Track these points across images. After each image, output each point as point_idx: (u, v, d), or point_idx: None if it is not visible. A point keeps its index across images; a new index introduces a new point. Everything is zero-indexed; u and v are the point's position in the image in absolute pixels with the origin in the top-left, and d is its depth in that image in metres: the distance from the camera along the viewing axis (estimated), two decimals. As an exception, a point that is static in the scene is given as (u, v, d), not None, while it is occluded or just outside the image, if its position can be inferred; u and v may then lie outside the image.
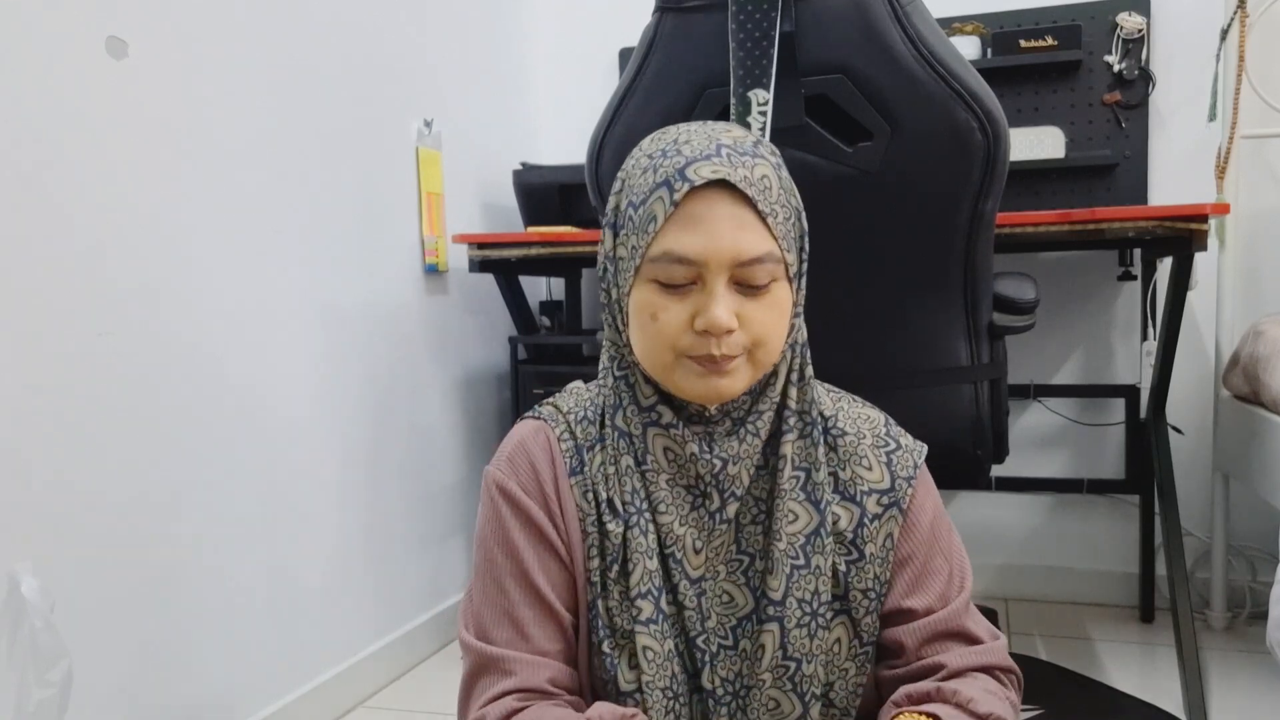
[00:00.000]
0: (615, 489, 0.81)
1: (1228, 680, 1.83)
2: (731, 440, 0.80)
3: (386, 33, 1.98)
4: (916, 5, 1.22)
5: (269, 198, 1.64)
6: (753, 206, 0.74)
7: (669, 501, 0.80)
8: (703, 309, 0.74)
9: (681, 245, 0.73)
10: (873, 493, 0.83)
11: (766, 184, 0.75)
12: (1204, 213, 1.57)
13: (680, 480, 0.80)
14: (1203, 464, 2.18)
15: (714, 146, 0.75)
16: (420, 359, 2.09)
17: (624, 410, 0.82)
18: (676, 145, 0.76)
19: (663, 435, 0.80)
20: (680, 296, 0.75)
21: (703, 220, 0.73)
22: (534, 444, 0.84)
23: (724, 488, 0.80)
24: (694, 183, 0.73)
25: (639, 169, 0.78)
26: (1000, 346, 1.45)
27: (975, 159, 1.23)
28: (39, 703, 1.16)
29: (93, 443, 1.31)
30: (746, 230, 0.73)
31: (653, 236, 0.74)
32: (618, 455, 0.81)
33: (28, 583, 1.18)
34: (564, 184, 2.20)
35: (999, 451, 1.49)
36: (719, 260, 0.73)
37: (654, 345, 0.76)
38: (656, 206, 0.74)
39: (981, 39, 2.21)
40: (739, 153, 0.75)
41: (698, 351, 0.74)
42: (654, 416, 0.80)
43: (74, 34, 1.29)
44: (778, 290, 0.76)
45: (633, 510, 0.80)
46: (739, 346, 0.75)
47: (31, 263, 1.23)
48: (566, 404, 0.87)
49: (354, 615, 1.86)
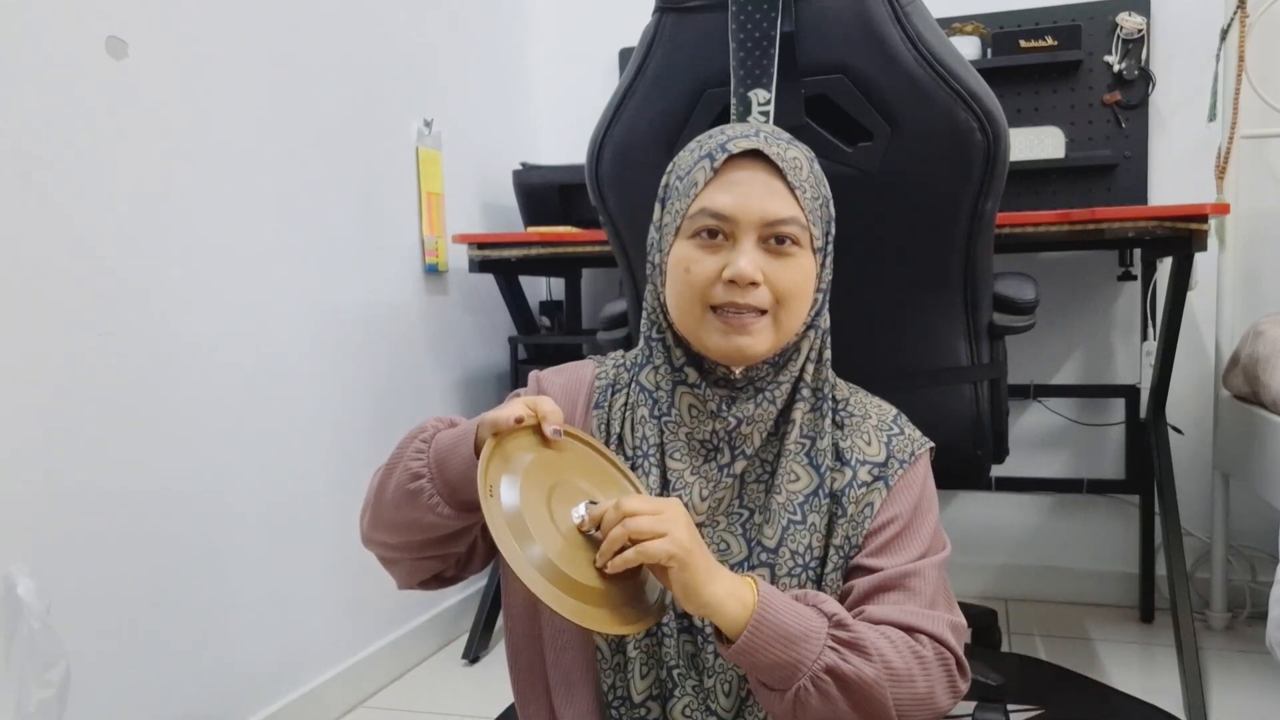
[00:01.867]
0: (628, 431, 0.89)
1: (1228, 680, 1.83)
2: (749, 404, 0.86)
3: (386, 33, 1.98)
4: (916, 5, 1.22)
5: (269, 197, 1.64)
6: (783, 178, 0.83)
7: (685, 452, 0.87)
8: (733, 260, 0.82)
9: (717, 203, 0.83)
10: (866, 463, 0.88)
11: (798, 164, 0.85)
12: (1204, 213, 1.57)
13: (698, 434, 0.87)
14: (1203, 464, 2.18)
15: (753, 130, 0.86)
16: (420, 359, 2.09)
17: (655, 368, 0.90)
18: (721, 130, 0.87)
19: (689, 393, 0.88)
20: (713, 250, 0.84)
21: (738, 184, 0.83)
22: (579, 371, 0.96)
23: (735, 445, 0.87)
24: (732, 152, 0.83)
25: (687, 152, 0.89)
26: (1000, 346, 1.45)
27: (975, 159, 1.23)
28: (39, 703, 1.16)
29: (92, 443, 1.31)
30: (776, 196, 0.83)
31: (693, 199, 0.84)
32: (637, 405, 0.89)
33: (24, 583, 1.18)
34: (564, 184, 2.20)
35: (999, 451, 1.49)
36: (749, 218, 0.82)
37: (686, 297, 0.84)
38: (699, 173, 0.85)
39: (981, 39, 2.21)
40: (776, 137, 0.86)
41: (724, 299, 0.82)
42: (683, 375, 0.88)
43: (74, 34, 1.29)
44: (801, 256, 0.84)
45: (640, 455, 0.88)
46: (764, 300, 0.83)
47: (31, 263, 1.23)
48: (615, 356, 0.97)
49: (354, 615, 1.86)
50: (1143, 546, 2.16)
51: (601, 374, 0.94)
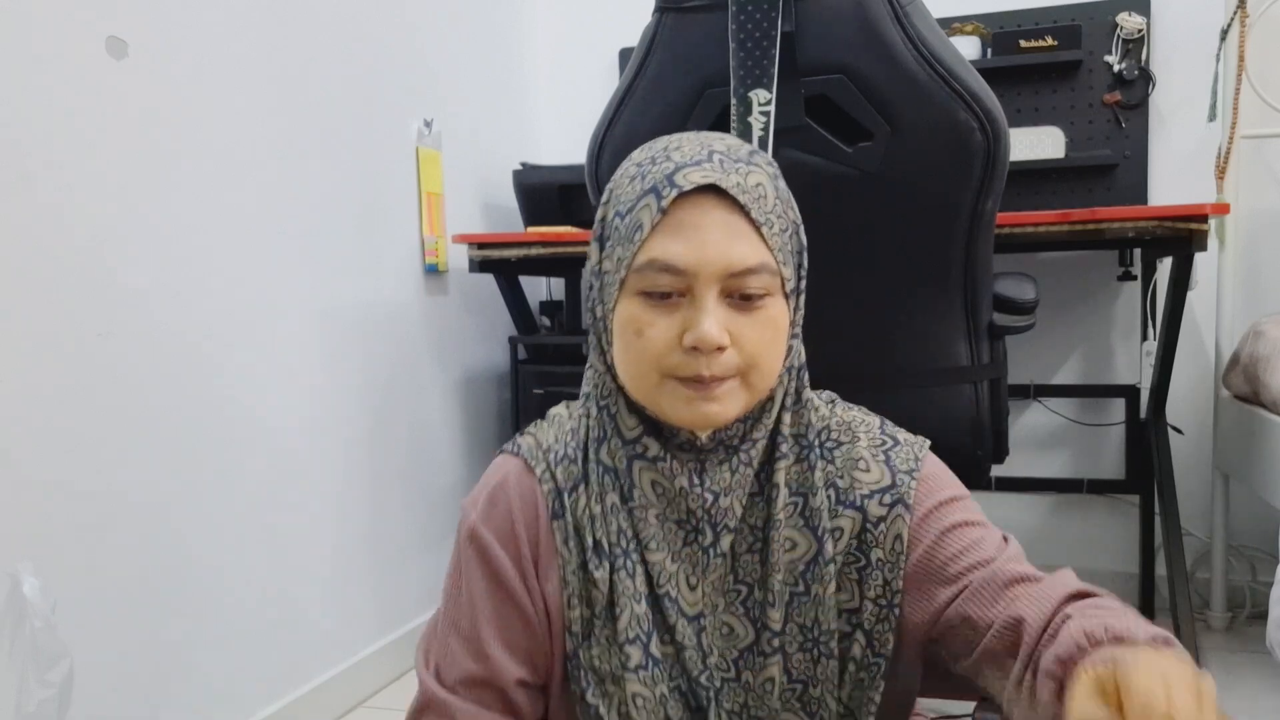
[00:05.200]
0: (601, 529, 0.76)
1: (1228, 680, 1.83)
2: (723, 470, 0.75)
3: (386, 33, 1.98)
4: (916, 5, 1.22)
5: (269, 197, 1.64)
6: (745, 214, 0.69)
7: (660, 538, 0.75)
8: (691, 323, 0.68)
9: (669, 253, 0.68)
10: (874, 494, 0.77)
11: (761, 192, 0.71)
12: (1204, 213, 1.57)
13: (670, 515, 0.75)
14: (1203, 464, 2.18)
15: (705, 153, 0.71)
16: (420, 359, 2.09)
17: (608, 443, 0.77)
18: (666, 152, 0.72)
19: (649, 469, 0.75)
20: (667, 310, 0.70)
21: (692, 227, 0.69)
22: (514, 487, 0.79)
23: (716, 521, 0.75)
24: (683, 188, 0.68)
25: (627, 178, 0.74)
26: (1000, 346, 1.45)
27: (975, 159, 1.23)
28: (39, 703, 1.17)
29: (93, 443, 1.31)
30: (739, 239, 0.69)
31: (639, 245, 0.70)
32: (603, 492, 0.76)
33: (29, 583, 1.18)
34: (564, 184, 2.20)
35: (999, 451, 1.49)
36: (709, 270, 0.68)
37: (639, 365, 0.71)
38: (643, 214, 0.70)
39: (981, 39, 2.21)
40: (732, 159, 0.71)
41: (686, 371, 0.69)
42: (639, 449, 0.75)
43: (74, 34, 1.29)
44: (772, 306, 0.71)
45: (619, 551, 0.75)
46: (731, 367, 0.70)
47: (31, 263, 1.23)
48: (547, 439, 0.81)
49: (354, 615, 1.86)
50: (1143, 546, 2.16)
51: (544, 476, 0.78)
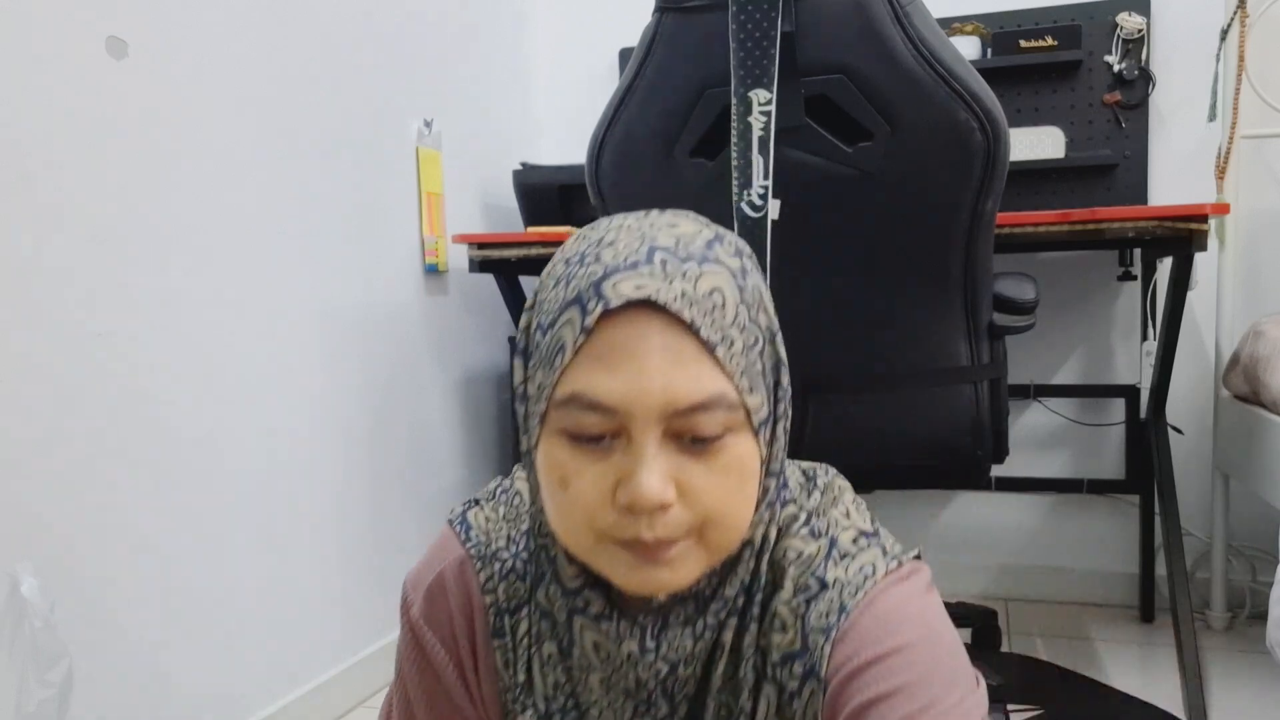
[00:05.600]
0: (538, 679, 0.65)
1: (1228, 680, 1.83)
2: (685, 634, 0.61)
3: (386, 33, 1.98)
4: (916, 5, 1.22)
5: (269, 197, 1.64)
6: (694, 333, 0.54)
7: (603, 705, 0.63)
8: (626, 475, 0.54)
9: (594, 387, 0.54)
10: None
11: (717, 300, 0.55)
12: (1204, 213, 1.57)
13: (617, 682, 0.62)
14: (1203, 464, 2.18)
15: (646, 250, 0.55)
16: (420, 359, 2.09)
17: (547, 587, 0.64)
18: (599, 248, 0.57)
19: (592, 628, 0.62)
20: (598, 456, 0.55)
21: (624, 353, 0.54)
22: (455, 590, 0.68)
23: (674, 693, 0.62)
24: (610, 303, 0.54)
25: (552, 279, 0.59)
26: (1000, 346, 1.45)
27: (975, 159, 1.24)
28: (39, 703, 1.17)
29: (93, 443, 1.31)
30: (685, 366, 0.54)
31: (559, 374, 0.55)
32: (541, 638, 0.65)
33: (28, 583, 1.18)
34: (564, 184, 2.20)
35: (999, 451, 1.49)
36: (646, 408, 0.54)
37: (568, 523, 0.57)
38: (565, 332, 0.55)
39: (981, 39, 2.21)
40: (680, 258, 0.55)
41: (624, 534, 0.55)
42: (580, 603, 0.62)
43: (74, 34, 1.29)
44: (735, 446, 0.56)
45: (555, 709, 0.65)
46: (680, 526, 0.55)
47: (31, 263, 1.23)
48: (499, 539, 0.69)
49: (354, 615, 1.86)
50: (1143, 546, 2.16)
51: (488, 585, 0.67)
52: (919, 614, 0.60)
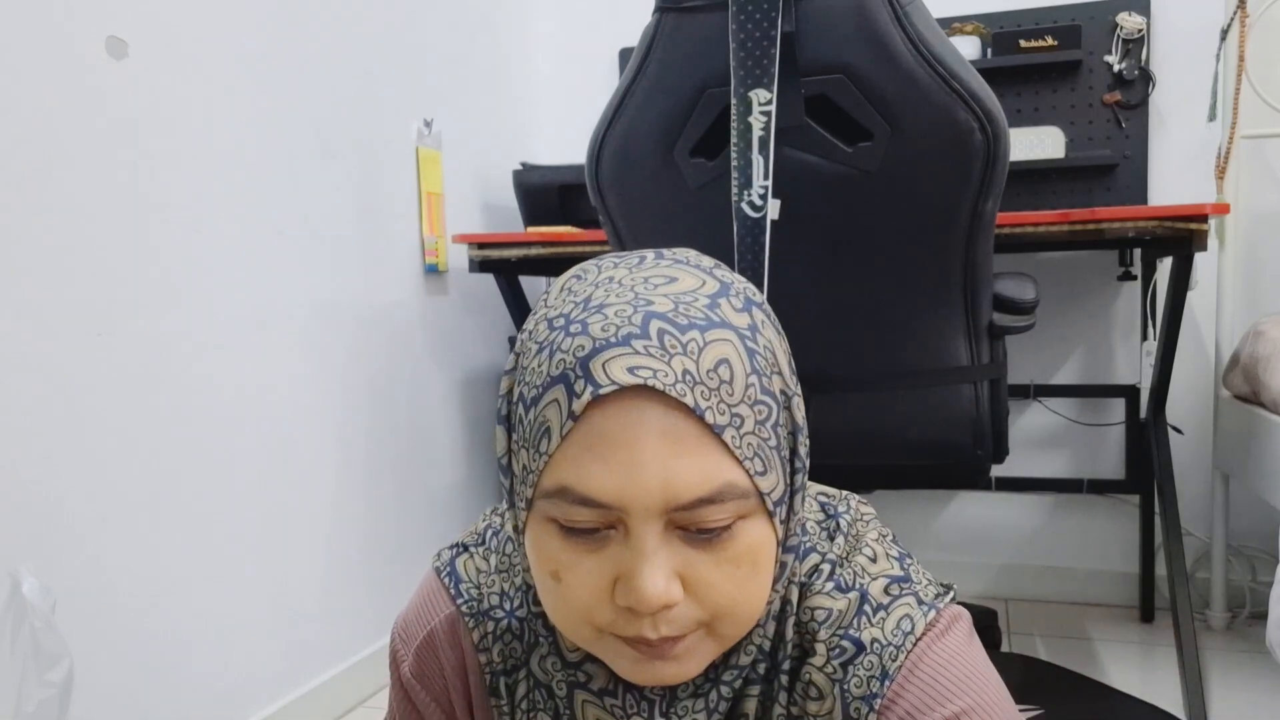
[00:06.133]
0: None
1: (1228, 680, 1.83)
2: (698, 705, 0.56)
3: (386, 33, 1.98)
4: (916, 5, 1.22)
5: (269, 197, 1.64)
6: (698, 417, 0.48)
7: None
8: (626, 574, 0.49)
9: (586, 481, 0.48)
10: None
11: (723, 375, 0.48)
12: (1204, 213, 1.57)
13: None
14: (1203, 464, 2.18)
15: (640, 319, 0.48)
16: (420, 359, 2.09)
17: (543, 659, 0.60)
18: (586, 312, 0.50)
19: (595, 704, 0.58)
20: (593, 547, 0.50)
21: (618, 443, 0.47)
22: (447, 649, 0.63)
23: None
24: (600, 389, 0.47)
25: (535, 341, 0.51)
26: (1000, 346, 1.45)
27: (975, 159, 1.24)
28: (39, 703, 1.16)
29: (93, 443, 1.31)
30: (687, 454, 0.48)
31: (546, 460, 0.49)
32: (536, 708, 0.61)
33: (29, 583, 1.18)
34: (564, 184, 2.20)
35: (999, 451, 1.49)
36: (644, 505, 0.48)
37: (563, 617, 0.52)
38: (550, 413, 0.49)
39: (981, 39, 2.21)
40: (680, 327, 0.48)
41: (626, 631, 0.51)
42: (581, 677, 0.58)
43: (74, 34, 1.29)
44: (747, 533, 0.50)
45: None
46: (688, 622, 0.50)
47: (31, 263, 1.23)
48: (491, 595, 0.63)
49: (354, 615, 1.86)
50: (1143, 546, 2.16)
51: (481, 645, 0.62)
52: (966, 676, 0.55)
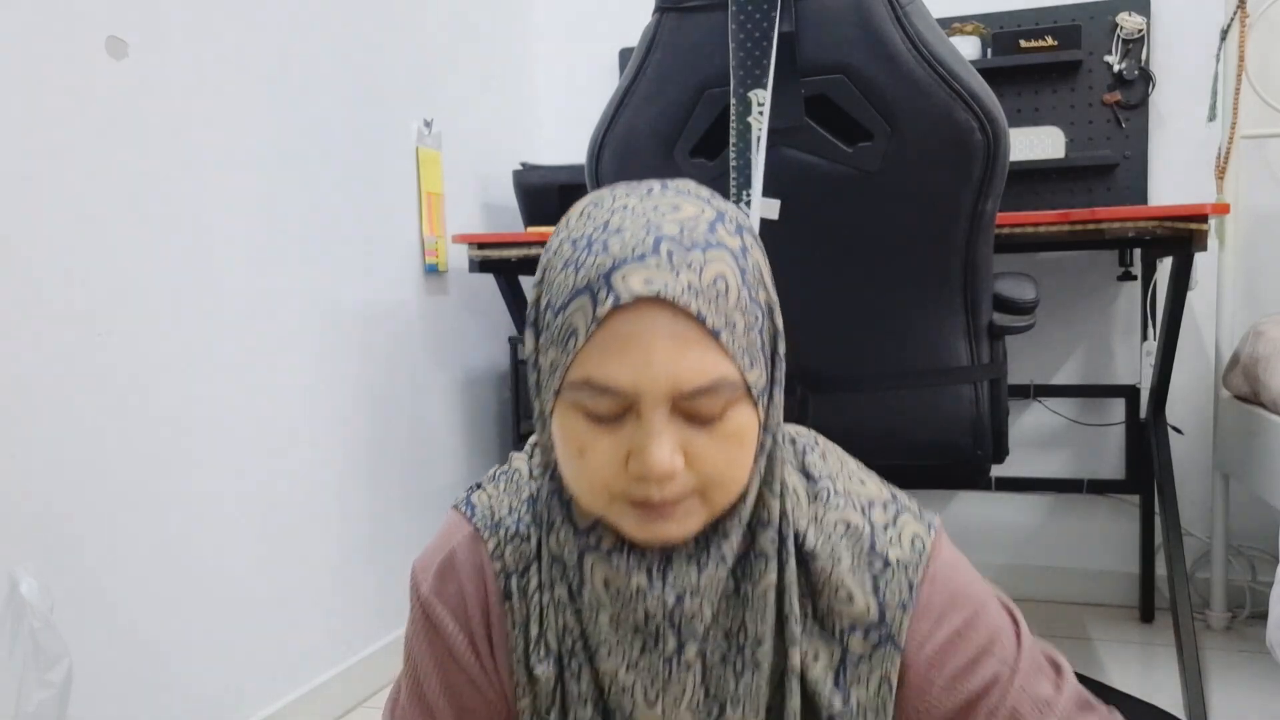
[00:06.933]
0: (549, 624, 0.69)
1: (1228, 680, 1.83)
2: (690, 570, 0.66)
3: (386, 33, 1.98)
4: (916, 5, 1.22)
5: (269, 197, 1.64)
6: (699, 322, 0.59)
7: (612, 643, 0.67)
8: (637, 448, 0.60)
9: (607, 373, 0.59)
10: (856, 629, 0.69)
11: (721, 288, 0.60)
12: (1204, 213, 1.57)
13: (626, 618, 0.67)
14: (1203, 464, 2.18)
15: (652, 241, 0.59)
16: (420, 359, 2.09)
17: (558, 531, 0.69)
18: (606, 233, 0.61)
19: (603, 563, 0.67)
20: (610, 429, 0.61)
21: (633, 342, 0.58)
22: (465, 563, 0.73)
23: (681, 627, 0.66)
24: (620, 299, 0.58)
25: (560, 260, 0.63)
26: (1000, 346, 1.45)
27: (975, 159, 1.24)
28: (39, 703, 1.16)
29: (92, 443, 1.31)
30: (691, 352, 0.59)
31: (573, 357, 0.60)
32: (552, 583, 0.69)
33: (28, 583, 1.18)
34: (564, 184, 2.20)
35: (999, 451, 1.49)
36: (654, 391, 0.59)
37: (583, 486, 0.64)
38: (577, 318, 0.60)
39: (981, 39, 2.21)
40: (685, 247, 0.60)
41: (635, 495, 0.62)
42: (591, 541, 0.67)
43: (74, 34, 1.29)
44: (736, 417, 0.62)
45: (565, 651, 0.69)
46: (687, 488, 0.62)
47: (31, 263, 1.23)
48: (501, 507, 0.74)
49: (354, 615, 1.86)
50: (1143, 546, 2.16)
51: (495, 553, 0.72)
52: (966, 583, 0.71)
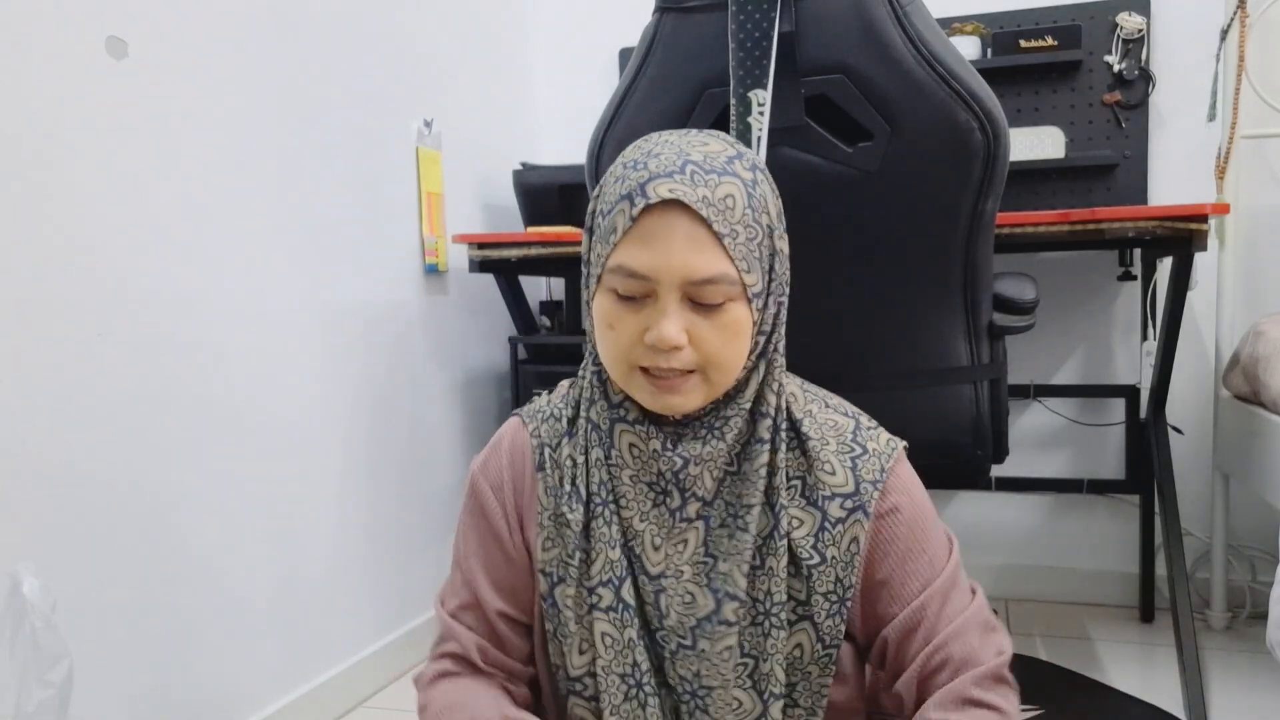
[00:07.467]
0: (583, 478, 0.84)
1: (1228, 680, 1.83)
2: (695, 442, 0.82)
3: (386, 33, 1.98)
4: (916, 5, 1.22)
5: (269, 197, 1.64)
6: (709, 227, 0.74)
7: (630, 496, 0.83)
8: (653, 324, 0.76)
9: (635, 260, 0.75)
10: (835, 497, 0.84)
11: (729, 204, 0.75)
12: (1204, 213, 1.57)
13: (643, 476, 0.83)
14: (1203, 464, 2.18)
15: (680, 163, 0.76)
16: (420, 359, 2.09)
17: (597, 404, 0.85)
18: (646, 158, 0.78)
19: (629, 431, 0.83)
20: (635, 309, 0.77)
21: (657, 237, 0.75)
22: (510, 442, 0.90)
23: (685, 486, 0.82)
24: (650, 200, 0.74)
25: (613, 177, 0.80)
26: (1000, 346, 1.45)
27: (975, 159, 1.24)
28: (39, 703, 1.16)
29: (93, 443, 1.31)
30: (700, 250, 0.74)
31: (612, 248, 0.77)
32: (589, 446, 0.85)
33: (29, 583, 1.18)
34: (564, 184, 2.20)
35: (999, 451, 1.49)
36: (669, 278, 0.75)
37: (611, 355, 0.80)
38: (618, 218, 0.76)
39: (981, 39, 2.21)
40: (705, 170, 0.76)
41: (648, 363, 0.77)
42: (621, 413, 0.83)
43: (74, 34, 1.29)
44: (733, 310, 0.77)
45: (598, 500, 0.83)
46: (688, 363, 0.77)
47: (31, 262, 1.23)
48: (543, 403, 0.91)
49: (354, 615, 1.86)
50: (1143, 546, 2.16)
51: (535, 432, 0.89)
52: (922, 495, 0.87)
